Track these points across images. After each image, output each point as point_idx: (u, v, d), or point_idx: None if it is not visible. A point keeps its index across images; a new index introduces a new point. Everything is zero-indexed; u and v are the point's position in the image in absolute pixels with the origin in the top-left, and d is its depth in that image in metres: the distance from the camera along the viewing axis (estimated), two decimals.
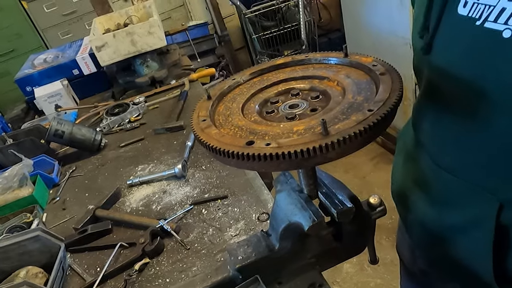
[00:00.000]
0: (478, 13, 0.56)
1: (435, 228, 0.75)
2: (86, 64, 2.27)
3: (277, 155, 0.52)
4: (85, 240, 1.17)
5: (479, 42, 0.55)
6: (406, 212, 0.85)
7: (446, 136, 0.69)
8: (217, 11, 4.10)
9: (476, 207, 0.65)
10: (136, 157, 1.56)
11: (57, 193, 1.48)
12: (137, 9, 2.37)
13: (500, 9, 0.52)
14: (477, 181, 0.64)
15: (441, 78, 0.64)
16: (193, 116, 0.68)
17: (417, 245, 0.89)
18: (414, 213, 0.82)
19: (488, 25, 0.54)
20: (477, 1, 0.56)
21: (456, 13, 0.59)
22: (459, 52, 0.59)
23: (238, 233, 1.07)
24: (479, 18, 0.56)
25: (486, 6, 0.55)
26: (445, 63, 0.62)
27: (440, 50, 0.63)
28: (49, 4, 3.91)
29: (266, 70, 0.79)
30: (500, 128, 0.57)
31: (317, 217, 0.66)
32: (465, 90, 0.59)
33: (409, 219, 0.85)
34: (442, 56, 0.63)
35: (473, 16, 0.56)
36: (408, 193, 0.82)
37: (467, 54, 0.58)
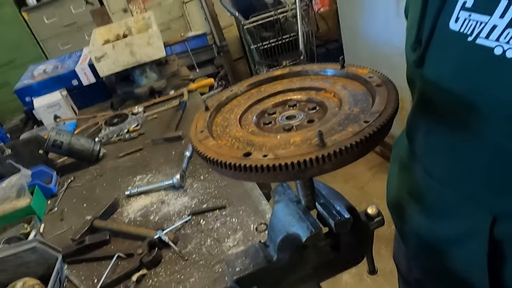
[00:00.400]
0: (469, 29, 0.56)
1: (430, 239, 0.75)
2: (86, 75, 2.28)
3: (274, 166, 0.53)
4: (82, 251, 1.16)
5: (470, 58, 0.55)
6: (402, 223, 0.85)
7: (438, 148, 0.69)
8: (216, 22, 4.14)
9: (470, 219, 0.65)
10: (135, 167, 1.56)
11: (55, 203, 1.47)
12: (137, 20, 2.39)
13: (491, 26, 0.53)
14: (469, 193, 0.64)
15: (433, 91, 0.65)
16: (191, 127, 0.68)
17: (412, 255, 0.89)
18: (409, 224, 0.82)
19: (479, 41, 0.54)
20: (468, 17, 0.57)
21: (448, 28, 0.60)
22: (451, 67, 0.60)
23: (236, 243, 1.07)
24: (470, 34, 0.56)
25: (477, 23, 0.55)
26: (437, 76, 0.63)
27: (432, 64, 0.64)
28: (49, 15, 3.95)
29: (263, 82, 0.80)
30: (492, 141, 0.58)
31: (315, 228, 0.66)
32: (456, 104, 0.60)
33: (405, 229, 0.85)
34: (434, 69, 0.64)
35: (464, 31, 0.57)
36: (403, 204, 0.82)
37: (458, 69, 0.59)
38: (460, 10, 0.58)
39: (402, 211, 0.82)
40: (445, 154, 0.67)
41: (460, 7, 0.58)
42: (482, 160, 0.60)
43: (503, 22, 0.51)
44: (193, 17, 4.34)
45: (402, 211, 0.82)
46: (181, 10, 4.28)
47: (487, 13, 0.53)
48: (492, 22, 0.53)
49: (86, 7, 3.95)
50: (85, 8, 3.94)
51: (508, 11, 0.50)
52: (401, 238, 0.90)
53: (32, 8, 3.88)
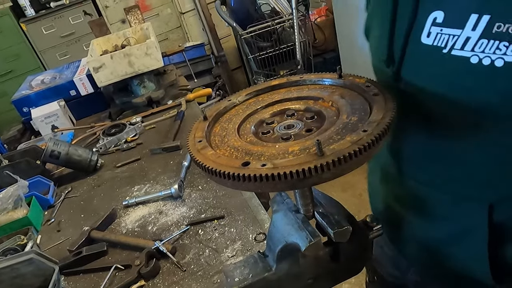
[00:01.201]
0: (443, 42, 0.59)
1: (429, 241, 0.76)
2: (83, 85, 2.28)
3: (273, 176, 0.52)
4: (79, 262, 1.15)
5: (448, 68, 0.57)
6: (395, 229, 0.85)
7: (422, 154, 0.71)
8: (213, 32, 4.16)
9: (467, 215, 0.67)
10: (132, 178, 1.55)
11: (52, 214, 1.46)
12: (135, 31, 2.41)
13: (465, 38, 0.56)
14: (460, 192, 0.67)
15: (414, 101, 0.67)
16: (189, 137, 0.68)
17: (411, 258, 0.89)
18: (404, 229, 0.82)
19: (455, 52, 0.57)
20: (440, 31, 0.59)
21: (420, 43, 0.62)
22: (429, 78, 0.63)
23: (235, 254, 1.06)
24: (445, 47, 0.59)
25: (450, 36, 0.58)
26: (415, 89, 0.65)
27: (409, 77, 0.66)
28: (47, 26, 3.97)
29: (261, 91, 0.80)
30: (480, 141, 0.61)
31: (314, 238, 0.66)
32: (439, 111, 0.62)
33: (400, 235, 0.86)
34: (412, 82, 0.66)
35: (438, 45, 0.59)
36: (393, 211, 0.83)
37: (437, 79, 0.61)
38: (431, 26, 0.61)
39: (394, 218, 0.83)
40: (429, 159, 0.70)
41: (431, 23, 0.61)
42: (468, 160, 0.64)
43: (475, 34, 0.54)
44: (191, 28, 4.37)
45: (394, 218, 0.83)
46: (179, 21, 4.32)
47: (458, 27, 0.56)
48: (465, 34, 0.56)
49: (84, 18, 3.97)
50: (84, 19, 3.96)
51: (479, 24, 0.54)
52: (394, 244, 0.91)
53: (31, 19, 3.90)
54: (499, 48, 0.53)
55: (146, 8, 4.11)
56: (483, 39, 0.54)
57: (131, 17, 2.58)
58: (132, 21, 2.59)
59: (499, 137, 0.59)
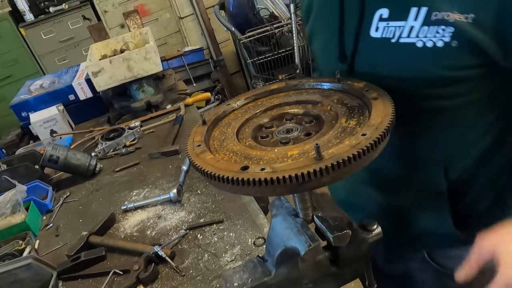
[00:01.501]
0: (391, 34, 0.71)
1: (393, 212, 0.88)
2: (82, 90, 2.28)
3: (272, 180, 0.52)
4: (78, 267, 1.15)
5: (397, 54, 0.66)
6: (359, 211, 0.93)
7: None
8: (212, 36, 4.17)
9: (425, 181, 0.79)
10: (131, 182, 1.55)
11: (51, 219, 1.46)
12: (134, 36, 2.41)
13: (410, 27, 0.68)
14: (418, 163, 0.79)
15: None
16: (188, 141, 0.68)
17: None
18: (368, 208, 0.93)
19: (402, 40, 0.69)
20: (387, 25, 0.71)
21: (369, 37, 0.74)
22: (381, 66, 0.73)
23: (234, 258, 1.06)
24: (393, 37, 0.71)
25: (396, 27, 0.70)
26: (369, 78, 0.73)
27: (362, 69, 0.77)
28: (46, 30, 3.97)
29: (260, 96, 0.81)
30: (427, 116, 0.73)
31: (313, 242, 0.66)
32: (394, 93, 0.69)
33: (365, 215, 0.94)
34: (364, 73, 0.75)
35: (386, 36, 0.72)
36: (357, 195, 0.93)
37: (388, 66, 0.72)
38: (378, 21, 0.73)
39: (360, 200, 0.93)
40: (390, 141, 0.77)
41: (378, 19, 0.73)
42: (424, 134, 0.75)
43: (418, 23, 0.67)
44: (190, 32, 4.38)
45: (359, 200, 0.93)
46: (178, 25, 4.32)
47: (402, 19, 0.69)
48: (409, 24, 0.68)
49: (83, 22, 3.97)
50: (83, 23, 3.97)
51: (419, 15, 0.67)
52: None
53: (30, 24, 3.90)
54: (438, 32, 0.65)
55: (145, 13, 4.12)
56: (424, 26, 0.66)
57: (130, 21, 2.59)
58: (131, 25, 2.59)
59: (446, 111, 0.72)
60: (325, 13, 0.85)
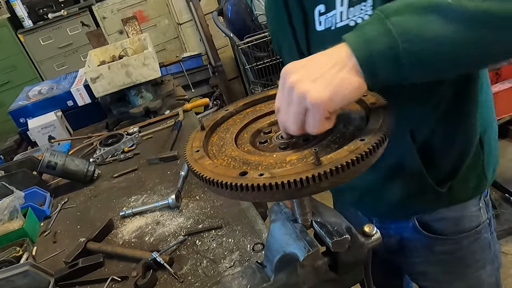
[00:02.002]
0: (330, 24, 0.82)
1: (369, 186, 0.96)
2: (81, 95, 2.28)
3: (270, 185, 0.52)
4: (75, 274, 1.14)
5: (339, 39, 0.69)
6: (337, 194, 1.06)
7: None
8: (211, 42, 4.19)
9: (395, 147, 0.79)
10: (130, 188, 1.55)
11: (48, 225, 1.45)
12: (132, 42, 2.42)
13: (340, 12, 0.79)
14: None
15: None
16: (186, 147, 0.68)
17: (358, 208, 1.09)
18: (344, 192, 1.04)
19: (338, 25, 0.80)
20: (325, 17, 0.83)
21: (316, 31, 0.85)
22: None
23: (232, 264, 1.05)
24: (332, 25, 0.81)
25: (331, 17, 0.81)
26: None
27: None
28: (45, 37, 3.98)
29: (258, 101, 0.81)
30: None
31: (312, 247, 0.65)
32: None
33: (342, 198, 1.11)
34: None
35: (327, 27, 0.83)
36: None
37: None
38: (319, 16, 0.84)
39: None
40: None
41: (318, 14, 0.84)
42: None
43: (344, 7, 0.78)
44: (188, 38, 4.39)
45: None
46: (177, 31, 4.34)
47: (332, 9, 0.80)
48: (338, 11, 0.79)
49: (82, 29, 3.99)
50: (81, 30, 3.98)
51: (343, 1, 0.77)
52: (340, 207, 1.16)
53: (28, 30, 3.91)
54: (361, 9, 0.75)
55: (144, 19, 4.14)
56: (350, 8, 0.77)
57: (129, 28, 2.60)
58: (130, 31, 2.60)
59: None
60: (277, 17, 0.95)
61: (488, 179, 0.96)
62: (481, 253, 1.01)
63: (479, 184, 0.96)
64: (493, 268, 1.04)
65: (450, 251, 0.99)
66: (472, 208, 0.97)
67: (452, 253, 0.99)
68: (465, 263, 1.01)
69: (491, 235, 1.02)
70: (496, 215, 2.40)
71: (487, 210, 1.00)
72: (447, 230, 0.97)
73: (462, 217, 0.97)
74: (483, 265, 1.02)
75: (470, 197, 0.96)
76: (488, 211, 1.00)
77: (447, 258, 1.00)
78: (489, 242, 1.01)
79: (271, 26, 1.03)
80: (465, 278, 1.03)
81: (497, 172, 1.00)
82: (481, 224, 0.98)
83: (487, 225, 1.00)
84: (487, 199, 1.00)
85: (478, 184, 0.95)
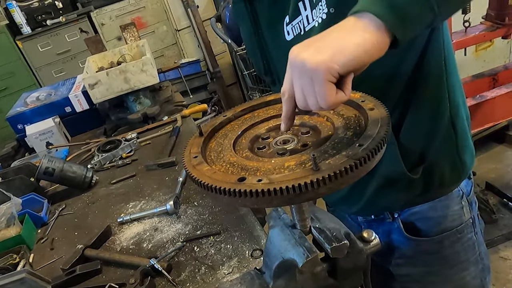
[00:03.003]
0: (298, 30, 0.87)
1: (361, 188, 0.97)
2: (79, 102, 2.28)
3: (269, 191, 0.52)
4: (73, 281, 1.13)
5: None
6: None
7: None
8: (209, 48, 4.20)
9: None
10: (128, 194, 1.54)
11: (46, 232, 1.44)
12: (131, 48, 2.42)
13: (305, 16, 0.84)
14: None
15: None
16: (184, 152, 0.68)
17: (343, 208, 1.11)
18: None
19: (306, 28, 0.84)
20: (291, 26, 0.87)
21: (287, 42, 0.90)
22: None
23: (231, 270, 1.05)
24: (301, 31, 0.86)
25: (298, 23, 0.85)
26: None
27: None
28: (43, 43, 3.99)
29: (257, 107, 0.81)
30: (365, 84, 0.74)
31: (311, 253, 0.65)
32: None
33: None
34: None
35: (297, 33, 0.87)
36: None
37: None
38: (286, 27, 0.89)
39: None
40: None
41: (285, 25, 0.89)
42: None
43: (308, 11, 0.83)
44: (187, 45, 4.41)
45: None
46: (175, 37, 4.36)
47: (297, 15, 0.85)
48: (304, 15, 0.84)
49: (80, 35, 4.00)
50: (80, 36, 3.99)
51: (306, 5, 0.82)
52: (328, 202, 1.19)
53: (27, 36, 3.92)
54: (320, 8, 0.79)
55: (142, 25, 4.15)
56: (313, 10, 0.81)
57: (127, 34, 2.61)
58: (128, 38, 2.61)
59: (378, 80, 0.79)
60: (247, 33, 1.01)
61: (466, 163, 0.96)
62: (465, 254, 1.01)
63: (455, 170, 0.95)
64: (477, 269, 1.03)
65: (432, 251, 1.00)
66: (455, 207, 0.97)
67: (434, 253, 1.00)
68: (448, 263, 1.01)
69: (475, 236, 1.01)
70: (494, 220, 2.39)
71: (470, 209, 1.00)
72: (430, 230, 0.98)
73: (445, 216, 0.97)
74: (467, 266, 1.02)
75: (448, 185, 0.95)
76: (471, 210, 1.00)
77: (429, 258, 1.00)
78: (473, 242, 1.01)
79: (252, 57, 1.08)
80: (449, 279, 1.03)
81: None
82: (463, 223, 0.98)
83: (470, 224, 1.00)
84: (469, 197, 1.00)
85: (453, 169, 0.94)
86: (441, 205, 0.97)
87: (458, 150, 0.94)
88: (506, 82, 2.38)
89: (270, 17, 0.93)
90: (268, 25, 0.95)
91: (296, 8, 0.84)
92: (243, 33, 1.05)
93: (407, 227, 0.99)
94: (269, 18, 0.94)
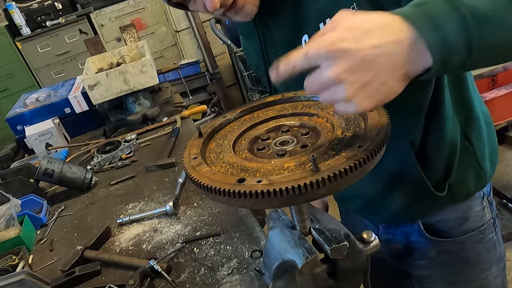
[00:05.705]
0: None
1: (370, 192, 0.97)
2: (78, 103, 2.28)
3: (269, 192, 0.52)
4: (72, 282, 1.13)
5: None
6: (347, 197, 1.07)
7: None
8: (208, 50, 4.21)
9: (395, 156, 0.86)
10: (127, 195, 1.54)
11: (45, 233, 1.44)
12: (130, 49, 2.43)
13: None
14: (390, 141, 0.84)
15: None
16: (184, 153, 0.68)
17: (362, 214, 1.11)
18: (347, 200, 1.07)
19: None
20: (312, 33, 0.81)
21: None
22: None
23: (231, 272, 1.05)
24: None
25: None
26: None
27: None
28: (43, 44, 3.99)
29: (256, 108, 0.81)
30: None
31: (310, 254, 0.65)
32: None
33: (345, 206, 1.15)
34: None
35: None
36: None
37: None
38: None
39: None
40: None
41: (304, 43, 0.86)
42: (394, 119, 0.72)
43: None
44: (186, 46, 4.41)
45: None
46: (174, 39, 4.36)
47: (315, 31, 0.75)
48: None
49: (80, 36, 4.00)
50: (79, 37, 3.99)
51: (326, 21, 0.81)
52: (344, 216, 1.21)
53: (26, 37, 3.92)
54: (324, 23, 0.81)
55: (142, 26, 4.16)
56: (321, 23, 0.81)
57: (127, 35, 2.61)
58: (128, 39, 2.61)
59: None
60: (254, 52, 0.99)
61: (486, 170, 0.96)
62: (487, 254, 1.01)
63: (479, 178, 0.96)
64: (498, 268, 1.04)
65: (454, 252, 1.00)
66: (476, 207, 0.97)
67: (456, 254, 1.00)
68: (470, 264, 1.01)
69: (496, 235, 1.02)
70: None
71: (491, 210, 1.00)
72: (451, 231, 0.98)
73: (467, 218, 0.97)
74: (489, 266, 1.02)
75: (473, 193, 0.96)
76: (492, 211, 1.01)
77: (452, 259, 1.00)
78: (494, 242, 1.01)
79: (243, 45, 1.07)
80: (471, 279, 1.03)
81: (494, 178, 1.01)
82: (485, 224, 0.99)
83: (491, 224, 1.00)
84: (490, 198, 1.01)
85: (477, 178, 0.96)
86: (463, 207, 0.97)
87: (477, 159, 0.94)
88: (505, 83, 2.38)
89: (286, 37, 0.90)
90: (283, 43, 0.91)
91: (317, 28, 0.82)
92: (247, 49, 1.04)
93: (427, 228, 0.99)
94: (285, 38, 0.91)
